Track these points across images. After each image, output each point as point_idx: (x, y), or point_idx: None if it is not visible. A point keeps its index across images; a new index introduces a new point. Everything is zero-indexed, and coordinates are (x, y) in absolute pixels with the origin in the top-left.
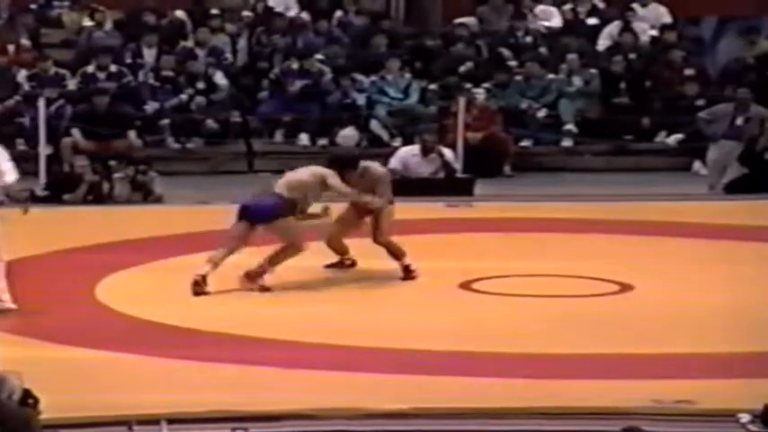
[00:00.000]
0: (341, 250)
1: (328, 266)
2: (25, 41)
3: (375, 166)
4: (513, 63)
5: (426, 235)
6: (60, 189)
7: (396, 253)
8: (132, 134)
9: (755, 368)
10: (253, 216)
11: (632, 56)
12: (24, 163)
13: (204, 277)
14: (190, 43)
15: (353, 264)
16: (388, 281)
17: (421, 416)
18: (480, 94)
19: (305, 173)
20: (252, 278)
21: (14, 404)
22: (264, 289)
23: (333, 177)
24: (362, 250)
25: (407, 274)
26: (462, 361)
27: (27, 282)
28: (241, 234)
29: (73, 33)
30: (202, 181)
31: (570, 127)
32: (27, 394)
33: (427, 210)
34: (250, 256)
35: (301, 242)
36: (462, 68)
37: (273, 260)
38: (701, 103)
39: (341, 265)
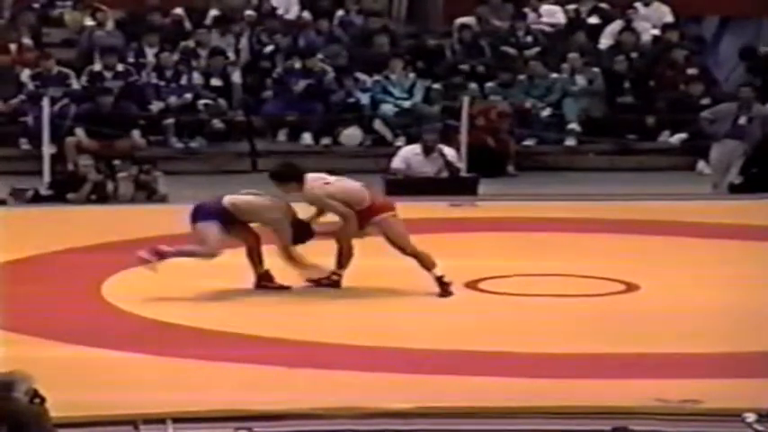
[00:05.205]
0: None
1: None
2: (27, 41)
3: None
4: (517, 62)
5: (430, 234)
6: (64, 188)
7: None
8: (136, 133)
9: (761, 368)
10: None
11: (634, 55)
12: (28, 162)
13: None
14: (191, 43)
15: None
16: (392, 280)
17: (425, 415)
18: (498, 100)
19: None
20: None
21: (26, 401)
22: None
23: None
24: (366, 249)
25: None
26: (468, 360)
27: (32, 281)
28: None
29: (74, 33)
30: (206, 180)
31: (574, 126)
32: (34, 393)
33: (431, 209)
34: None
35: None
36: (465, 68)
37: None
38: (705, 102)
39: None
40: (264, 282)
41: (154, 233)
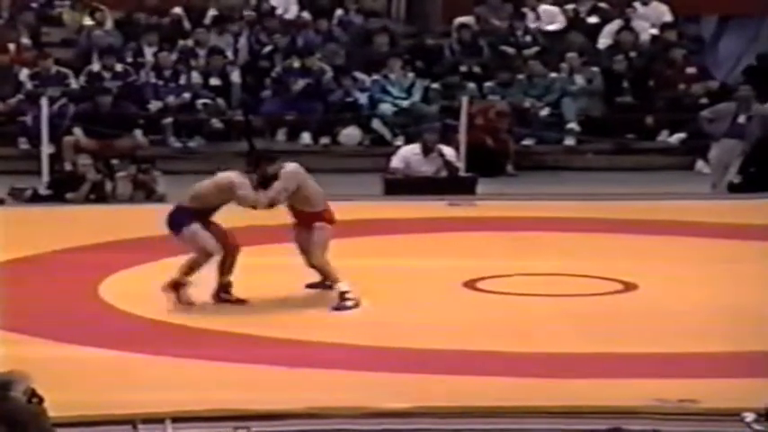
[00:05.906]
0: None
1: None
2: (26, 40)
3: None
4: (515, 62)
5: (429, 234)
6: (63, 188)
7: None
8: (138, 133)
9: (760, 367)
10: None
11: (633, 54)
12: (27, 162)
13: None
14: (190, 43)
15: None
16: (392, 279)
17: (424, 415)
18: (497, 100)
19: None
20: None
21: (24, 401)
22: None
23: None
24: (368, 249)
25: (342, 301)
26: (466, 360)
27: (30, 281)
28: None
29: (73, 32)
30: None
31: (573, 126)
32: (32, 393)
33: (429, 209)
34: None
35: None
36: (464, 67)
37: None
38: (704, 101)
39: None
40: (223, 292)
41: (152, 233)
